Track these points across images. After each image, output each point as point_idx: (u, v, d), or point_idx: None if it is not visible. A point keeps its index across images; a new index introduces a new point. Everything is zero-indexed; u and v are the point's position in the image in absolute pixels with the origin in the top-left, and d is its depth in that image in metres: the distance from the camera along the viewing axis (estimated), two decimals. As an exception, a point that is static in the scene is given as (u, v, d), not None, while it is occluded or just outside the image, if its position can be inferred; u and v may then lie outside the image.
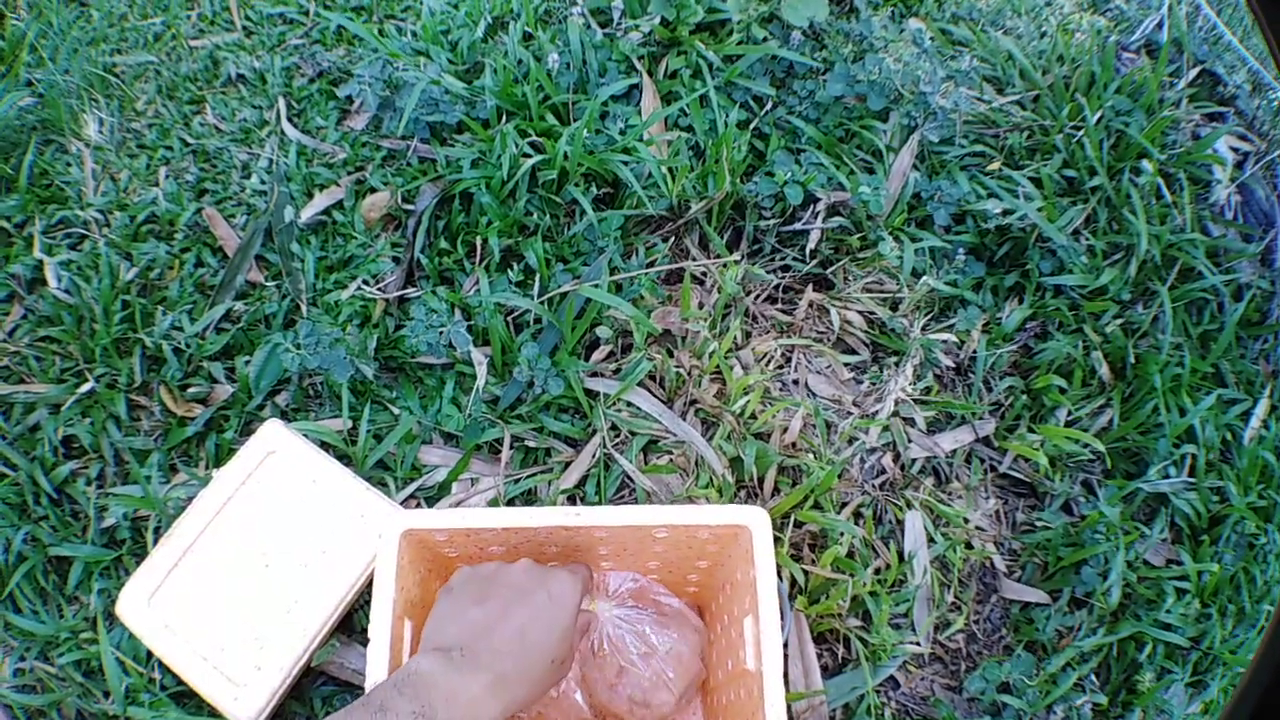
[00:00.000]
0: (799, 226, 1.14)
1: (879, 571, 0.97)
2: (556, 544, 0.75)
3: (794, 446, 1.01)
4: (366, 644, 0.66)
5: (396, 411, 1.03)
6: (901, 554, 0.98)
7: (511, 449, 1.01)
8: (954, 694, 0.96)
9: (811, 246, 1.13)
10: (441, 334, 1.02)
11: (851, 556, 0.95)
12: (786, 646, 0.92)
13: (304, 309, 1.09)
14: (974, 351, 1.09)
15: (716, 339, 1.05)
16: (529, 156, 1.09)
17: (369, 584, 0.91)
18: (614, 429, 1.02)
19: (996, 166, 1.18)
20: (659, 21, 1.19)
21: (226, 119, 1.25)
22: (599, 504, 0.98)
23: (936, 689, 0.96)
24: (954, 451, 1.05)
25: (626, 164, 1.10)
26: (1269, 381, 1.10)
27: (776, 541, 0.94)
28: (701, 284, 1.13)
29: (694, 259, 1.14)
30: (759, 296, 1.13)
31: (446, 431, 1.03)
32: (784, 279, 1.15)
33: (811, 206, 1.13)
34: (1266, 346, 1.14)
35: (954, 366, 1.11)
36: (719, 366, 1.03)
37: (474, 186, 1.10)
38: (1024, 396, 1.08)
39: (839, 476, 0.99)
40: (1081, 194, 1.17)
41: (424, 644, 0.62)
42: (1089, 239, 1.14)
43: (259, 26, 1.34)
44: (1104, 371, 1.08)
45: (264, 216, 1.15)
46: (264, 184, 1.19)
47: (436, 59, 1.22)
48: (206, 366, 1.06)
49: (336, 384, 1.02)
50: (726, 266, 1.10)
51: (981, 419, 1.07)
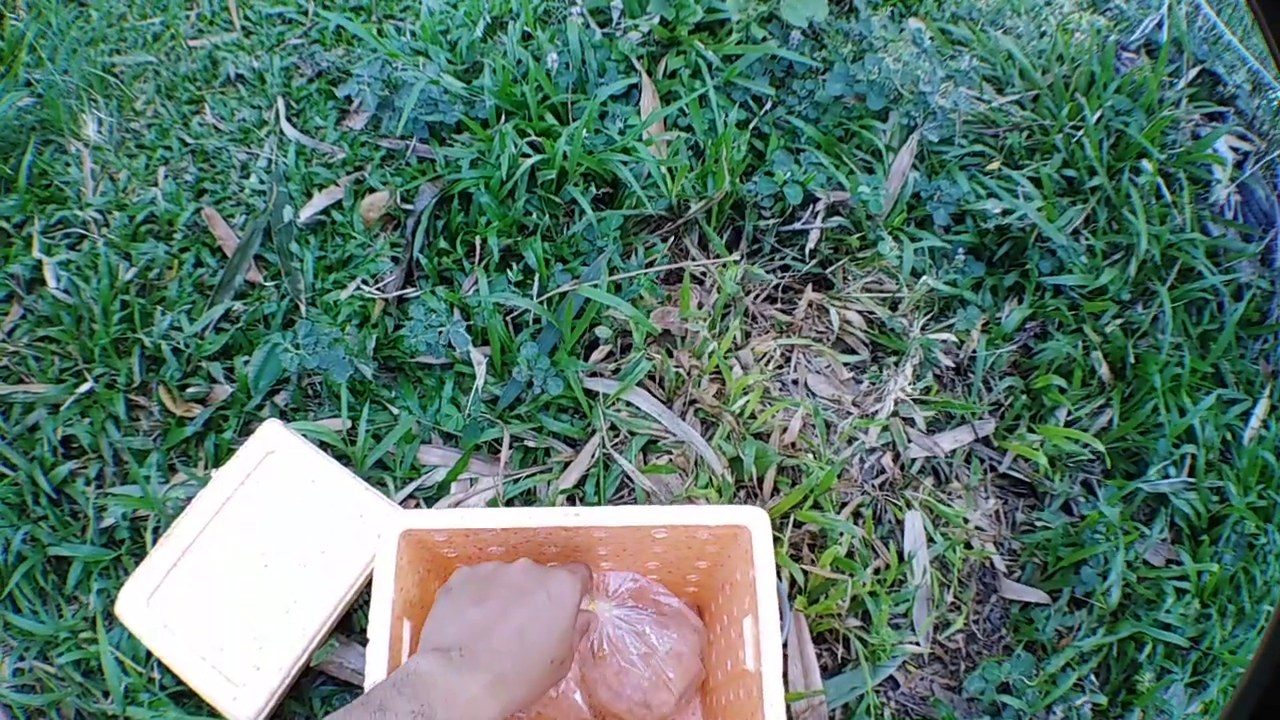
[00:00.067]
0: (798, 226, 1.14)
1: (878, 571, 0.97)
2: (556, 544, 0.75)
3: (793, 446, 1.01)
4: (365, 644, 0.66)
5: (395, 411, 1.03)
6: (901, 554, 0.98)
7: (511, 449, 1.01)
8: (953, 694, 0.96)
9: (811, 246, 1.13)
10: (440, 334, 1.02)
11: (851, 556, 0.95)
12: (786, 647, 0.92)
13: (303, 309, 1.09)
14: (973, 351, 1.09)
15: (716, 339, 1.05)
16: (528, 156, 1.09)
17: (368, 584, 0.91)
18: (613, 429, 1.02)
19: (996, 166, 1.18)
20: (658, 21, 1.19)
21: (225, 119, 1.25)
22: (598, 504, 0.98)
23: (936, 689, 0.96)
24: (954, 451, 1.05)
25: (626, 164, 1.10)
26: (1269, 381, 1.10)
27: (776, 541, 0.94)
28: (701, 284, 1.13)
29: (693, 259, 1.14)
30: (758, 296, 1.13)
31: (445, 431, 1.03)
32: (783, 279, 1.14)
33: (811, 206, 1.13)
34: (1266, 346, 1.13)
35: (954, 366, 1.10)
36: (718, 366, 1.03)
37: (473, 186, 1.10)
38: (1024, 396, 1.08)
39: (838, 476, 0.99)
40: (1081, 194, 1.17)
41: (423, 644, 0.62)
42: (1089, 239, 1.14)
43: (258, 26, 1.34)
44: (1104, 371, 1.08)
45: (263, 216, 1.15)
46: (263, 184, 1.19)
47: (435, 59, 1.22)
48: (205, 366, 1.06)
49: (335, 384, 1.02)
50: (726, 266, 1.10)
51: (981, 419, 1.07)
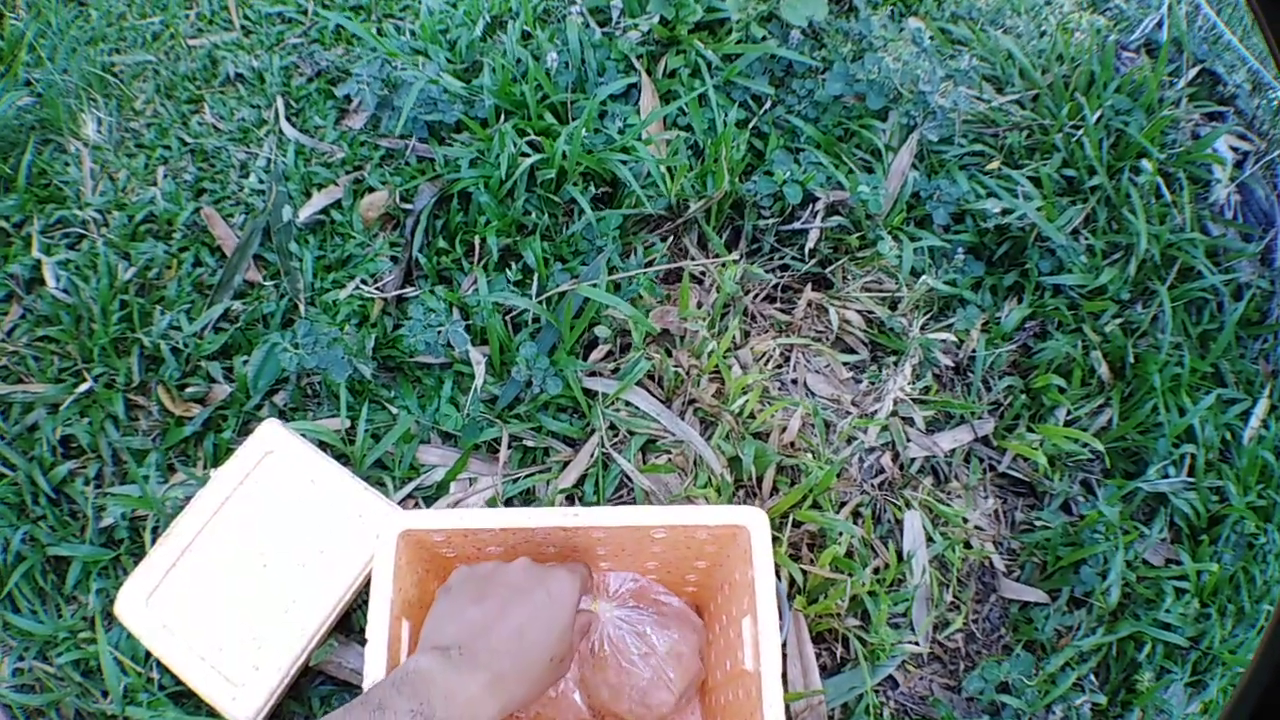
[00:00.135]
0: (798, 226, 1.14)
1: (878, 571, 0.97)
2: (554, 544, 0.75)
3: (793, 446, 1.01)
4: (364, 644, 0.66)
5: (394, 411, 1.03)
6: (900, 553, 0.98)
7: (510, 448, 1.01)
8: (953, 694, 0.96)
9: (810, 246, 1.13)
10: (439, 333, 1.02)
11: (850, 556, 0.95)
12: (785, 646, 0.91)
13: (302, 308, 1.09)
14: (973, 351, 1.09)
15: (715, 338, 1.05)
16: (527, 156, 1.09)
17: (367, 584, 0.91)
18: (612, 428, 1.02)
19: (996, 166, 1.18)
20: (658, 20, 1.19)
21: (225, 118, 1.25)
22: (597, 503, 0.98)
23: (935, 689, 0.96)
24: (953, 451, 1.05)
25: (625, 163, 1.10)
26: (1268, 381, 1.10)
27: (775, 541, 0.94)
28: (700, 283, 1.13)
29: (692, 258, 1.14)
30: (758, 296, 1.13)
31: (444, 431, 1.03)
32: (783, 278, 1.14)
33: (810, 206, 1.13)
34: (1266, 346, 1.13)
35: (953, 366, 1.10)
36: (717, 366, 1.03)
37: (472, 186, 1.10)
38: (1023, 396, 1.08)
39: (838, 476, 0.99)
40: (1081, 193, 1.17)
41: (422, 643, 0.62)
42: (1088, 238, 1.14)
43: (257, 26, 1.34)
44: (1103, 371, 1.08)
45: (262, 216, 1.15)
46: (262, 183, 1.19)
47: (435, 58, 1.22)
48: (204, 366, 1.06)
49: (334, 383, 1.02)
50: (725, 266, 1.10)
51: (980, 418, 1.07)
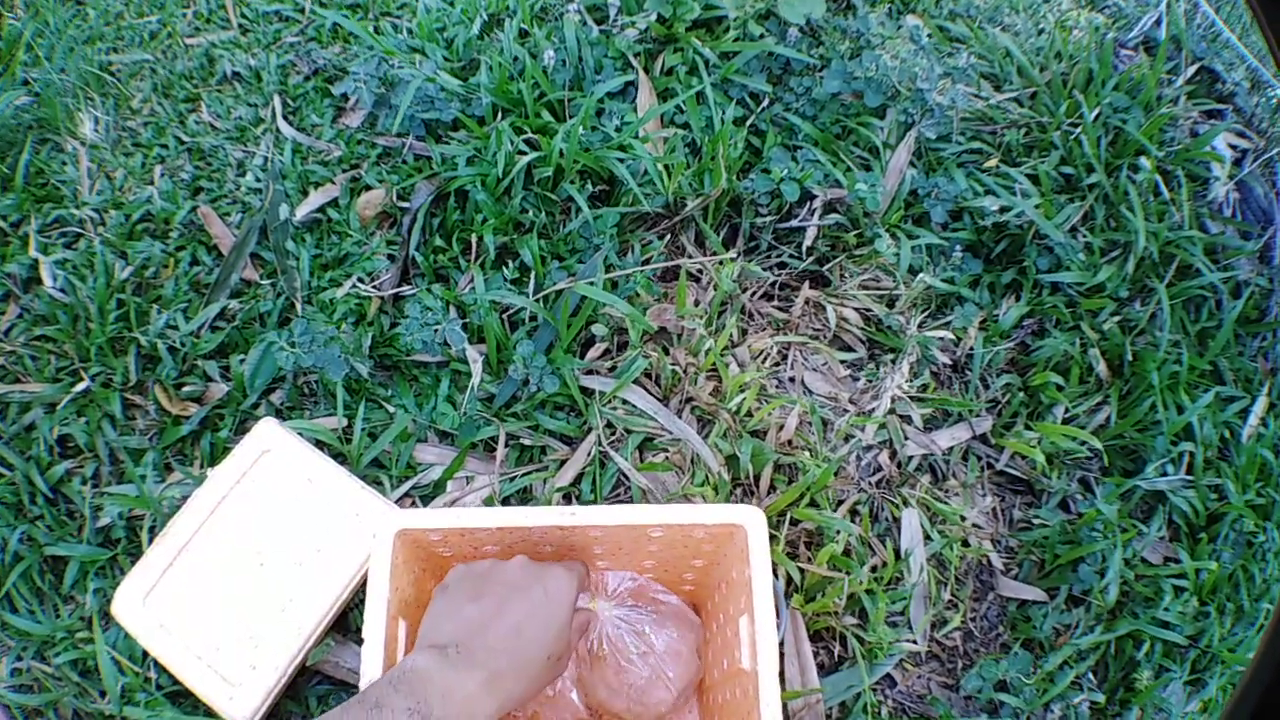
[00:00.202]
0: (795, 224, 1.14)
1: (875, 569, 0.96)
2: (551, 543, 0.75)
3: (790, 444, 1.01)
4: (361, 643, 0.66)
5: (391, 410, 1.03)
6: (898, 552, 0.98)
7: (507, 447, 1.01)
8: (951, 692, 0.95)
9: (808, 244, 1.13)
10: (436, 332, 1.02)
11: (848, 554, 0.95)
12: (782, 645, 0.91)
13: (299, 307, 1.09)
14: (971, 349, 1.09)
15: (712, 336, 1.05)
16: (524, 154, 1.09)
17: (364, 583, 0.91)
18: (609, 427, 1.02)
19: (994, 163, 1.18)
20: (655, 18, 1.19)
21: (222, 117, 1.25)
22: (594, 502, 0.98)
23: (933, 687, 0.96)
24: (951, 449, 1.05)
25: (622, 161, 1.09)
26: (1267, 379, 1.10)
27: (772, 539, 0.93)
28: (697, 281, 1.12)
29: (690, 256, 1.14)
30: (755, 294, 1.13)
31: (441, 430, 1.03)
32: (780, 276, 1.14)
33: (808, 203, 1.13)
34: (1265, 344, 1.13)
35: (951, 364, 1.10)
36: (715, 364, 1.03)
37: (469, 184, 1.10)
38: (1021, 394, 1.08)
39: (835, 474, 0.99)
40: (1079, 191, 1.17)
41: (420, 641, 0.62)
42: (1086, 236, 1.13)
43: (254, 24, 1.33)
44: (1101, 369, 1.08)
45: (259, 214, 1.15)
46: (259, 182, 1.18)
47: (432, 56, 1.21)
48: (201, 365, 1.06)
49: (331, 382, 1.02)
50: (722, 264, 1.10)
51: (978, 416, 1.07)
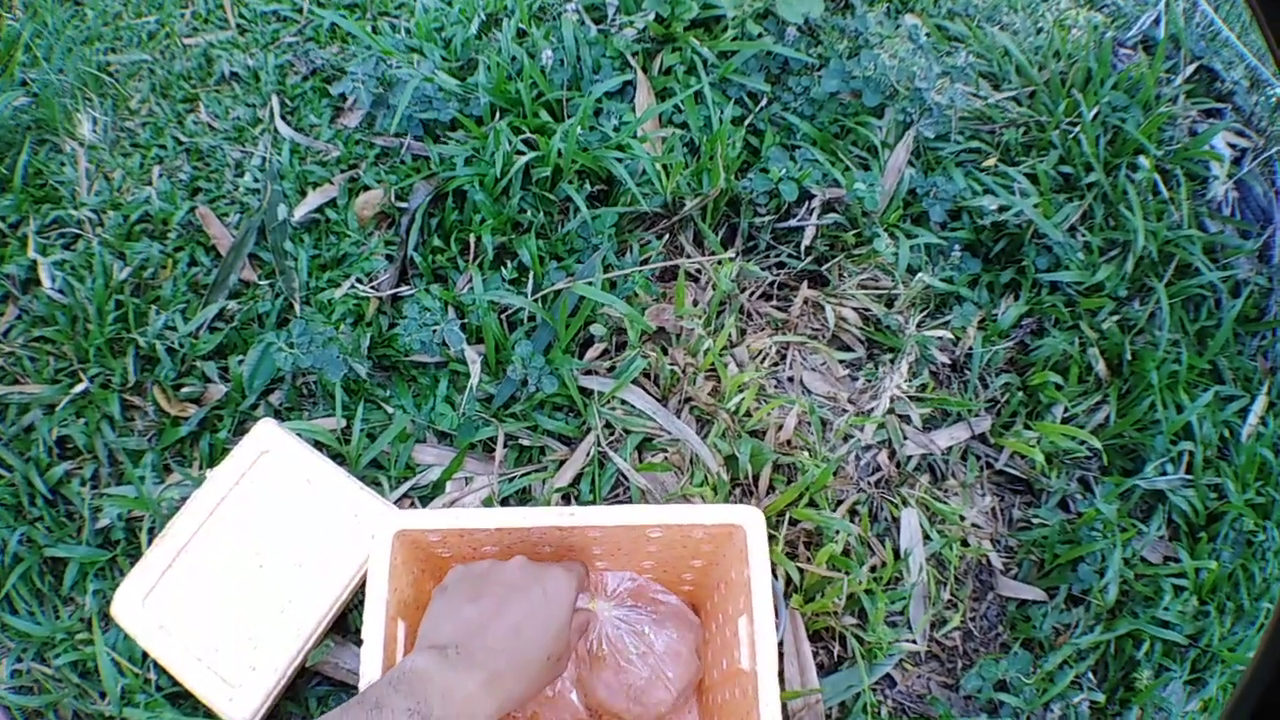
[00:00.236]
0: (794, 223, 1.14)
1: (875, 569, 0.96)
2: (550, 544, 0.75)
3: (789, 444, 1.01)
4: (361, 644, 0.66)
5: (390, 410, 1.03)
6: (897, 551, 0.98)
7: (505, 448, 1.01)
8: (951, 692, 0.95)
9: (806, 243, 1.13)
10: (435, 332, 1.02)
11: (847, 554, 0.95)
12: (782, 645, 0.91)
13: (297, 308, 1.09)
14: (970, 348, 1.08)
15: (711, 336, 1.05)
16: (522, 154, 1.09)
17: (363, 584, 0.90)
18: (608, 427, 1.02)
19: (992, 163, 1.18)
20: (653, 18, 1.19)
21: (220, 117, 1.25)
22: (593, 502, 0.98)
23: (933, 687, 0.96)
24: (950, 449, 1.05)
25: (620, 161, 1.09)
26: (1267, 378, 1.09)
27: (771, 539, 0.93)
28: (696, 281, 1.12)
29: (688, 256, 1.14)
30: (754, 293, 1.13)
31: (440, 430, 1.03)
32: (779, 276, 1.14)
33: (806, 203, 1.13)
34: (1264, 343, 1.13)
35: (950, 363, 1.10)
36: (713, 364, 1.03)
37: (467, 184, 1.10)
38: (1020, 393, 1.07)
39: (834, 474, 0.99)
40: (1078, 190, 1.17)
41: (419, 642, 0.62)
42: (1085, 235, 1.13)
43: (252, 24, 1.33)
44: (1100, 368, 1.08)
45: (257, 215, 1.14)
46: (257, 182, 1.18)
47: (430, 56, 1.21)
48: (200, 366, 1.06)
49: (330, 383, 1.02)
50: (721, 263, 1.09)
51: (977, 416, 1.07)
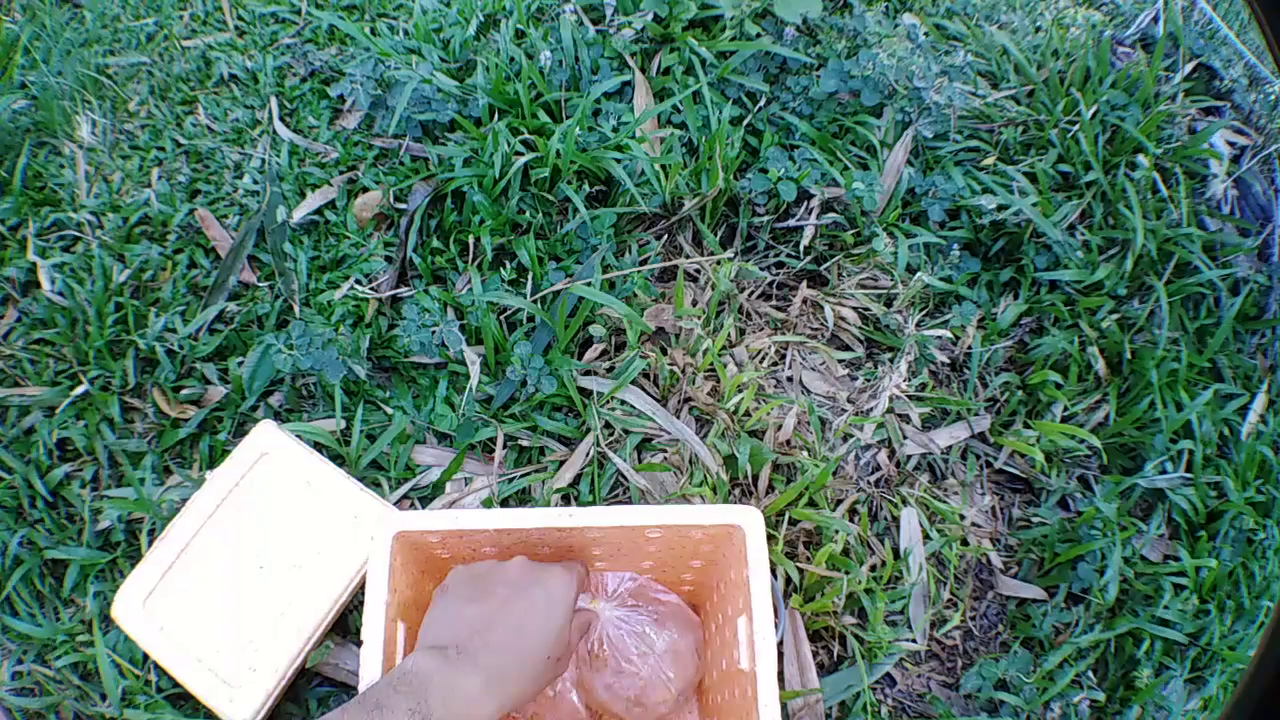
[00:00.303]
0: (793, 223, 1.14)
1: (874, 569, 0.96)
2: (549, 545, 0.75)
3: (788, 444, 1.01)
4: (361, 645, 0.66)
5: (390, 411, 1.03)
6: (897, 551, 0.98)
7: (505, 448, 1.01)
8: (951, 691, 0.95)
9: (805, 243, 1.13)
10: (434, 333, 1.02)
11: (847, 554, 0.95)
12: (782, 645, 0.91)
13: (297, 309, 1.09)
14: (969, 347, 1.08)
15: (710, 336, 1.05)
16: (521, 154, 1.09)
17: (363, 585, 0.90)
18: (608, 428, 1.02)
19: (991, 162, 1.18)
20: (652, 18, 1.19)
21: (219, 119, 1.25)
22: (593, 503, 0.98)
23: (933, 686, 0.96)
24: (949, 448, 1.05)
25: (619, 161, 1.09)
26: (1266, 376, 1.09)
27: (771, 539, 0.94)
28: (695, 281, 1.12)
29: (687, 256, 1.14)
30: (753, 293, 1.13)
31: (440, 431, 1.03)
32: (778, 275, 1.14)
33: (805, 203, 1.13)
34: (1264, 341, 1.13)
35: (949, 362, 1.10)
36: (713, 364, 1.03)
37: (466, 185, 1.10)
38: (1019, 392, 1.07)
39: (834, 474, 0.99)
40: (1077, 189, 1.17)
41: (420, 642, 0.62)
42: (1084, 234, 1.13)
43: (251, 26, 1.33)
44: (1100, 367, 1.08)
45: (256, 217, 1.15)
46: (256, 184, 1.18)
47: (428, 57, 1.21)
48: (200, 368, 1.06)
49: (329, 384, 1.02)
50: (720, 263, 1.09)
51: (977, 415, 1.06)
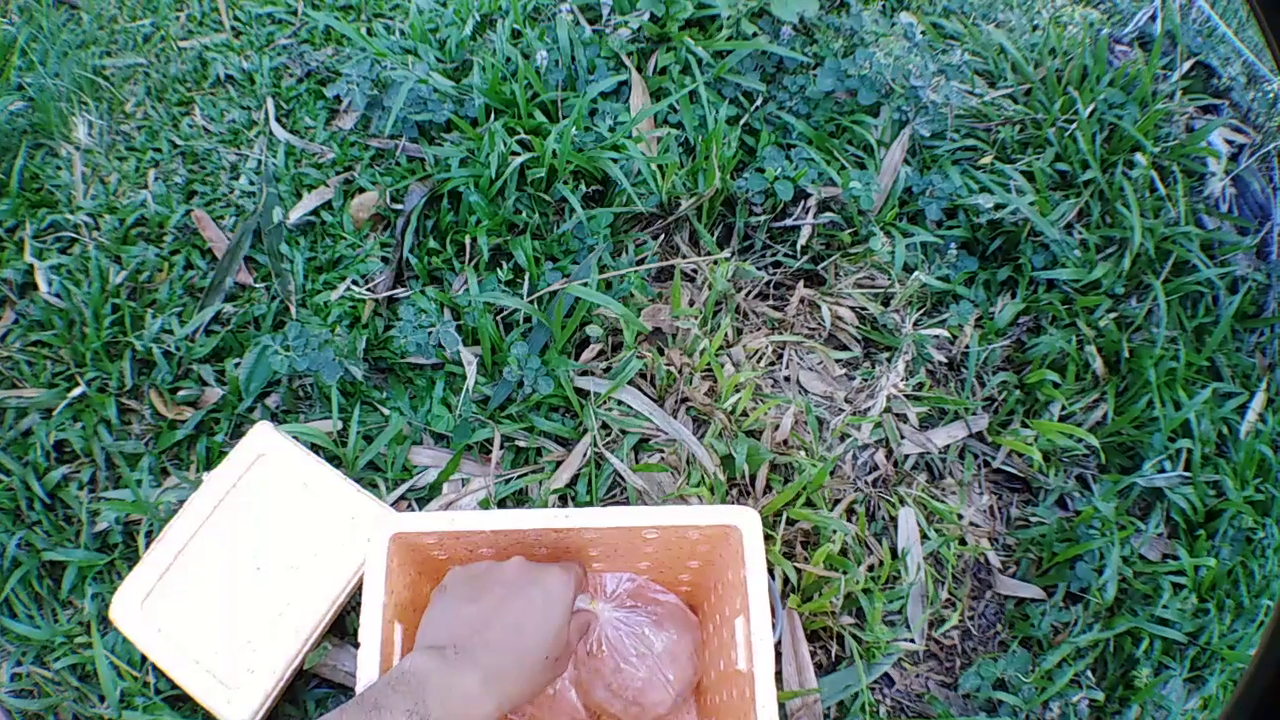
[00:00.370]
0: (790, 222, 1.13)
1: (872, 569, 0.96)
2: (546, 546, 0.75)
3: (786, 444, 1.01)
4: (358, 646, 0.66)
5: (386, 412, 1.03)
6: (895, 551, 0.98)
7: (502, 449, 1.01)
8: (949, 691, 0.95)
9: (802, 242, 1.13)
10: (431, 334, 1.02)
11: (844, 554, 0.95)
12: (780, 645, 0.91)
13: (293, 310, 1.09)
14: (966, 346, 1.08)
15: (707, 336, 1.05)
16: (517, 155, 1.09)
17: (360, 586, 0.91)
18: (605, 428, 1.02)
19: (988, 161, 1.18)
20: (648, 18, 1.18)
21: (215, 120, 1.25)
22: (590, 503, 0.98)
23: (931, 686, 0.95)
24: (947, 447, 1.04)
25: (616, 161, 1.09)
26: (1265, 375, 1.09)
27: (768, 539, 0.93)
28: (692, 281, 1.12)
29: (684, 256, 1.14)
30: (750, 293, 1.13)
31: (437, 432, 1.03)
32: (775, 275, 1.14)
33: (802, 202, 1.13)
34: (1262, 340, 1.13)
35: (946, 362, 1.10)
36: (710, 364, 1.03)
37: (462, 185, 1.10)
38: (1017, 391, 1.07)
39: (831, 473, 0.99)
40: (1074, 188, 1.17)
41: (418, 643, 0.62)
42: (1082, 233, 1.13)
43: (247, 27, 1.33)
44: (1098, 366, 1.07)
45: (253, 218, 1.14)
46: (253, 185, 1.18)
47: (424, 57, 1.21)
48: (196, 369, 1.06)
49: (326, 385, 1.02)
50: (717, 263, 1.09)
51: (974, 414, 1.06)
